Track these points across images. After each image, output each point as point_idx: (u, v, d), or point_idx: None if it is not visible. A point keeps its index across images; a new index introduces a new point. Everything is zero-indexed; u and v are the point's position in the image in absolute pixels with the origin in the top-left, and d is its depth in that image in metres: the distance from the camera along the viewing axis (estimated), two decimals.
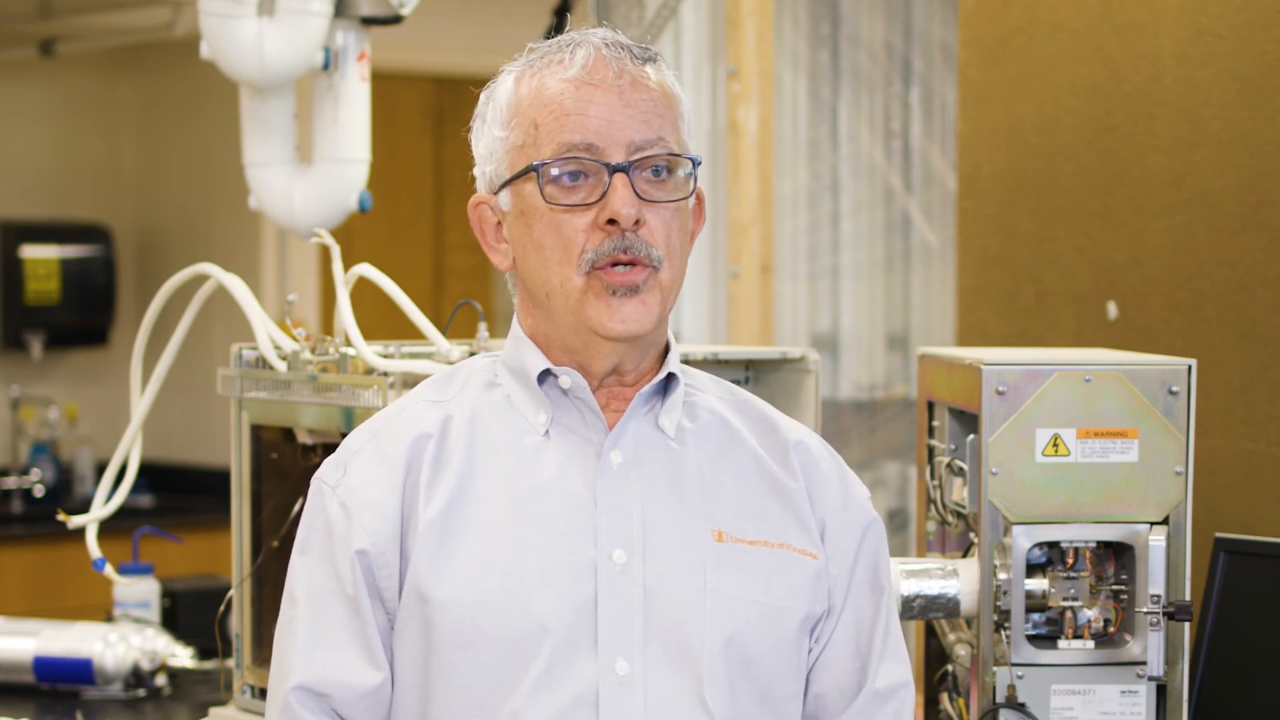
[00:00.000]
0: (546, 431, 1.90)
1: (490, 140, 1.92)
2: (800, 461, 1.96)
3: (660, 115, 1.88)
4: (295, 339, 2.69)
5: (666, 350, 1.95)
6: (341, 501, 1.88)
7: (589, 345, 1.89)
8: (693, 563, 1.86)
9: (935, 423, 2.61)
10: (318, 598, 1.87)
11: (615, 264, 1.85)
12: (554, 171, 1.86)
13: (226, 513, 2.90)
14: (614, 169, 1.85)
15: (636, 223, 1.85)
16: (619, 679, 1.81)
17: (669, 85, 1.91)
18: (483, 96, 1.95)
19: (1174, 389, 2.33)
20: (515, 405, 1.92)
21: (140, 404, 2.84)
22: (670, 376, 1.93)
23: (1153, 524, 2.33)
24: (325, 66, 3.31)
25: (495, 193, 1.92)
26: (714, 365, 2.64)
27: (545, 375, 1.91)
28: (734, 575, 1.87)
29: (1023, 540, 2.32)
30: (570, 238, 1.86)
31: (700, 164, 1.92)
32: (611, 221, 1.85)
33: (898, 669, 1.97)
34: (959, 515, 2.49)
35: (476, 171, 1.95)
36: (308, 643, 1.86)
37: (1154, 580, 2.32)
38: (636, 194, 1.85)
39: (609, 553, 1.84)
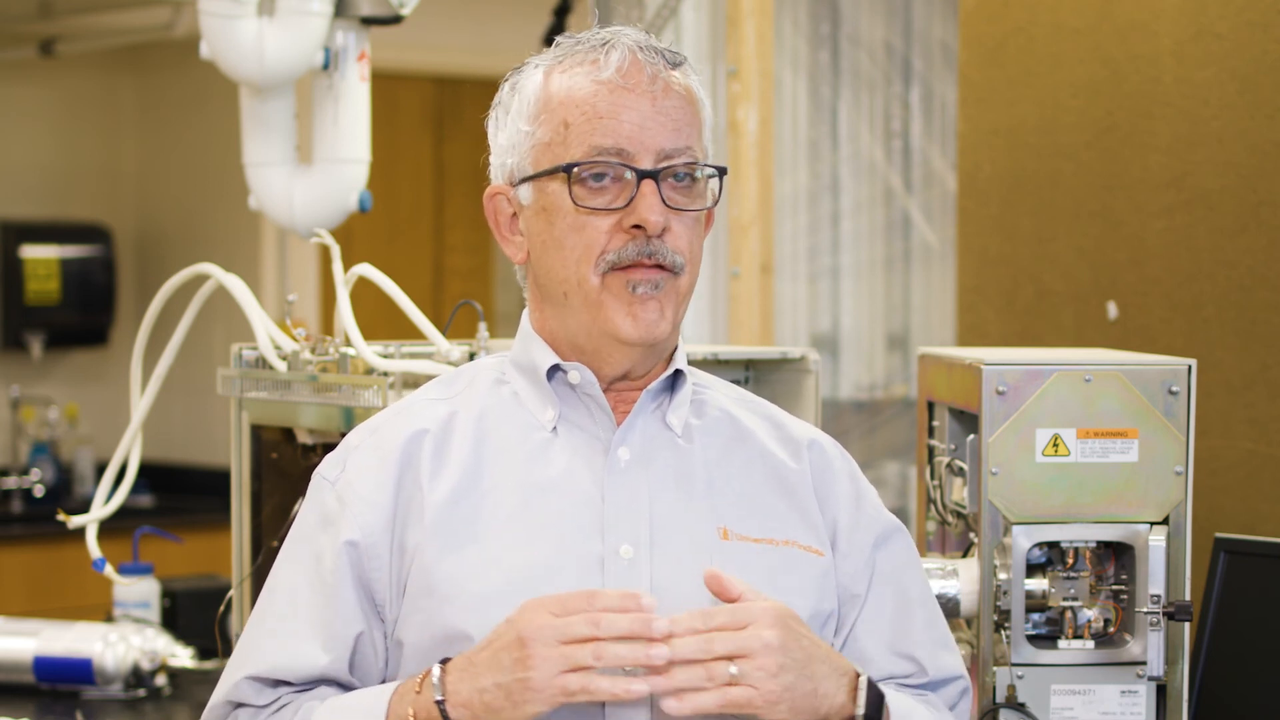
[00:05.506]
0: (554, 428, 1.91)
1: (514, 133, 1.91)
2: (813, 460, 1.97)
3: (689, 123, 1.89)
4: (295, 339, 2.70)
5: (674, 349, 1.95)
6: (338, 495, 1.89)
7: (600, 348, 1.89)
8: (699, 559, 1.86)
9: (935, 423, 2.61)
10: (295, 589, 1.88)
11: (637, 269, 1.86)
12: (581, 173, 1.86)
13: (226, 513, 2.90)
14: (643, 175, 1.85)
15: (663, 230, 1.85)
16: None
17: (695, 91, 1.92)
18: (505, 87, 1.94)
19: (1174, 389, 2.33)
20: (523, 402, 1.93)
21: (140, 404, 2.84)
22: (678, 374, 1.94)
23: (1153, 524, 2.33)
24: (325, 66, 3.31)
25: (515, 185, 1.92)
26: (714, 365, 2.64)
27: (554, 371, 1.91)
28: (740, 573, 1.87)
29: (1023, 540, 2.32)
30: (593, 239, 1.86)
31: (726, 173, 1.93)
32: (637, 227, 1.85)
33: (953, 660, 1.98)
34: (959, 515, 2.49)
35: (494, 161, 1.95)
36: (273, 634, 1.87)
37: (1154, 580, 2.32)
38: (664, 202, 1.85)
39: (616, 548, 1.85)
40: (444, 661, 1.78)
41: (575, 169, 1.86)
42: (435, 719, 1.75)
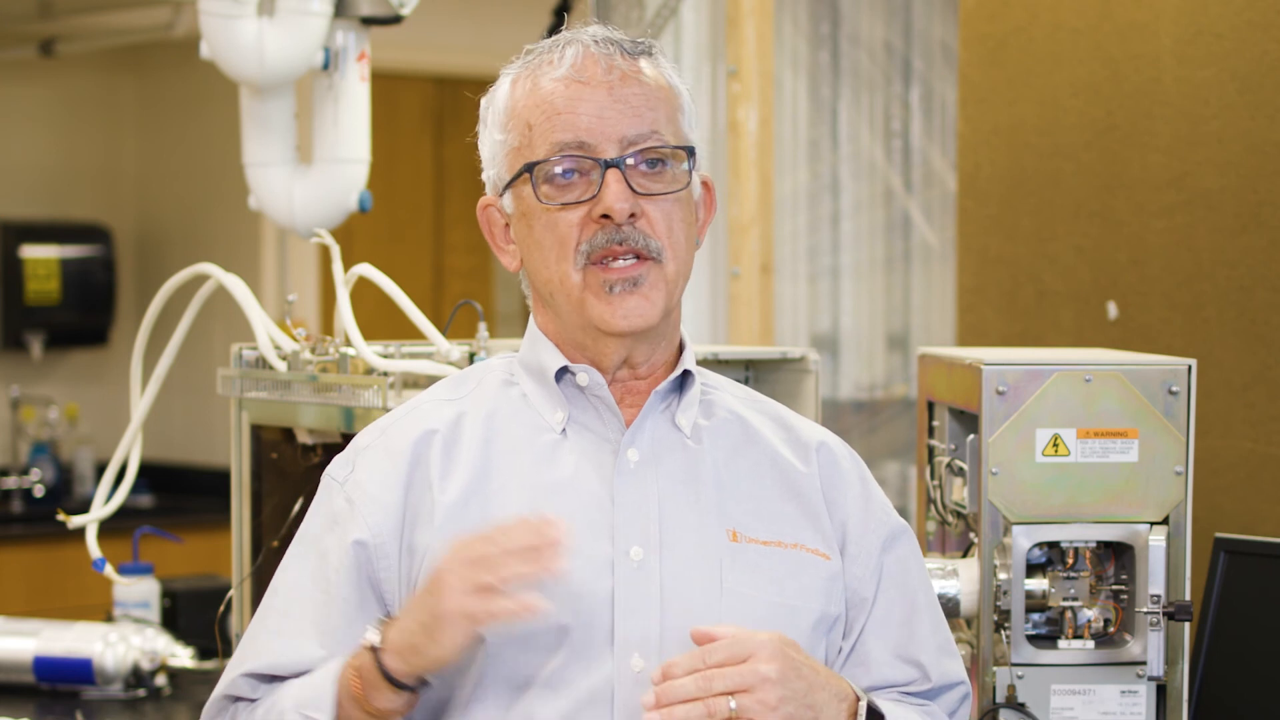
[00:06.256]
0: (563, 430, 1.91)
1: (491, 144, 1.94)
2: (821, 463, 1.97)
3: (653, 108, 1.89)
4: (295, 339, 2.70)
5: (682, 349, 1.95)
6: (348, 496, 1.89)
7: (596, 341, 1.90)
8: (709, 561, 1.87)
9: (935, 423, 2.61)
10: (298, 588, 1.89)
11: (611, 256, 1.86)
12: (547, 171, 1.87)
13: (226, 513, 2.90)
14: (606, 165, 1.86)
15: (632, 216, 1.86)
16: (634, 675, 1.81)
17: (665, 77, 1.92)
18: (484, 101, 1.96)
19: (1174, 389, 2.33)
20: (532, 403, 1.93)
21: (140, 404, 2.84)
22: (686, 374, 1.94)
23: (1153, 524, 2.33)
24: (325, 66, 3.31)
25: (500, 195, 1.93)
26: (714, 365, 2.64)
27: (562, 373, 1.91)
28: (749, 575, 1.87)
29: (1023, 540, 2.32)
30: (565, 234, 1.87)
31: (694, 152, 1.92)
32: (605, 216, 1.85)
33: (955, 666, 1.99)
34: (959, 515, 2.49)
35: (484, 175, 1.97)
36: (274, 632, 1.88)
37: (1154, 580, 2.32)
38: (632, 189, 1.86)
39: (626, 550, 1.85)
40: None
41: (537, 167, 1.87)
42: (371, 668, 1.77)
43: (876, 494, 2.00)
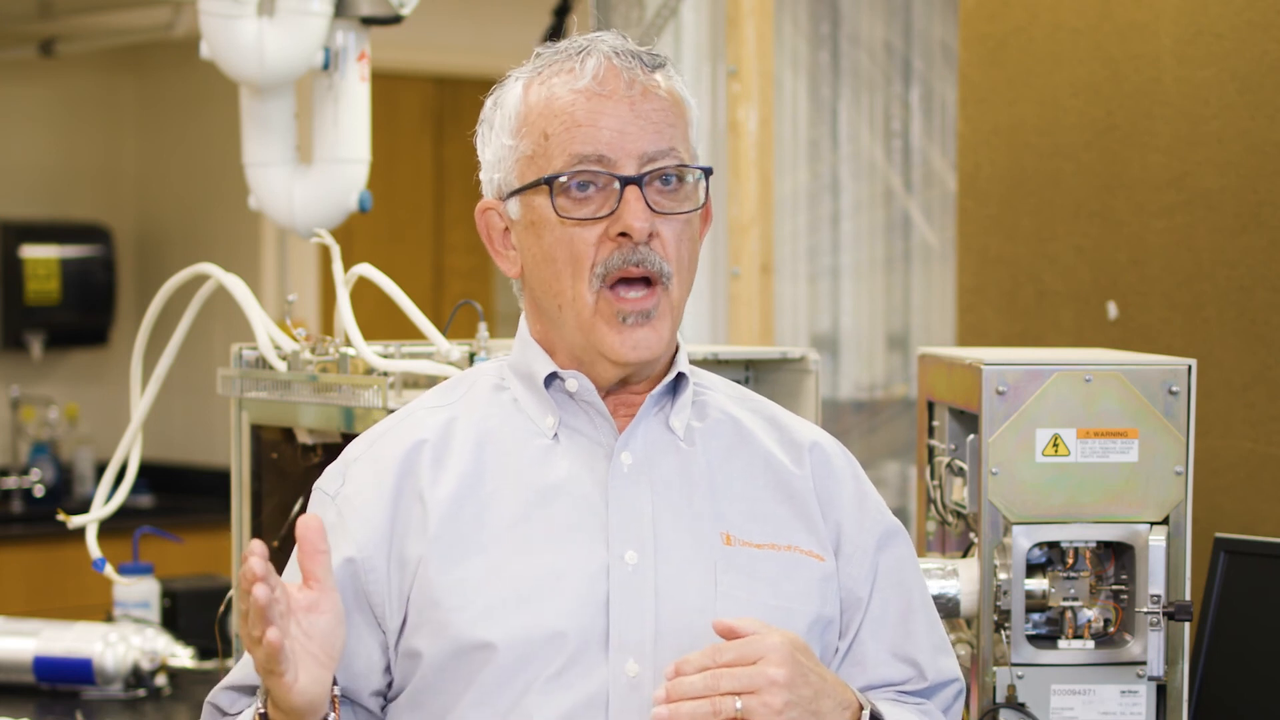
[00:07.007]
0: (555, 434, 1.90)
1: (498, 147, 1.91)
2: (814, 463, 1.96)
3: (671, 125, 1.87)
4: (295, 339, 2.70)
5: (675, 351, 1.95)
6: (338, 510, 1.89)
7: (596, 362, 1.89)
8: (703, 564, 1.86)
9: (935, 423, 2.61)
10: None
11: (626, 279, 1.85)
12: (565, 183, 1.85)
13: (226, 513, 2.90)
14: (626, 181, 1.84)
15: (650, 235, 1.85)
16: (629, 680, 1.81)
17: (679, 92, 1.91)
18: (489, 102, 1.94)
19: (1174, 389, 2.33)
20: (523, 408, 1.92)
21: (140, 404, 2.84)
22: (680, 377, 1.93)
23: (1153, 524, 2.33)
24: (325, 66, 3.31)
25: (503, 200, 1.92)
26: (714, 365, 2.64)
27: (552, 378, 1.91)
28: (743, 578, 1.87)
29: (1023, 540, 2.32)
30: (581, 251, 1.85)
31: (712, 173, 1.92)
32: (623, 235, 1.84)
33: (950, 664, 1.99)
34: (959, 515, 2.49)
35: (483, 177, 1.94)
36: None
37: (1154, 580, 2.32)
38: (649, 206, 1.85)
39: (621, 554, 1.84)
40: None
41: (558, 180, 1.85)
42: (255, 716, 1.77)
43: (870, 493, 2.00)
